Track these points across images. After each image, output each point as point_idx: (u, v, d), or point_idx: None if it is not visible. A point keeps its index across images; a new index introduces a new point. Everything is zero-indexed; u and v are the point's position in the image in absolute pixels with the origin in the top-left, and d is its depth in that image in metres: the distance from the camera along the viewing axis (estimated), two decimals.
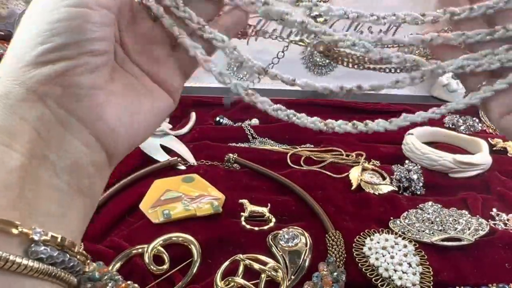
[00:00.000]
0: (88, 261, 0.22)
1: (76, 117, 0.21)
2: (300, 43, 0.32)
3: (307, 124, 0.28)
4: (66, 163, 0.21)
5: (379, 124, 0.28)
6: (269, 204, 0.50)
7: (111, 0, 0.23)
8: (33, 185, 0.19)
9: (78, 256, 0.21)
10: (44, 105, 0.20)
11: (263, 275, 0.39)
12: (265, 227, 0.47)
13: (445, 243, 0.44)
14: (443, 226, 0.46)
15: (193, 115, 0.78)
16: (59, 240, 0.19)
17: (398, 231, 0.46)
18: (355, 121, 0.28)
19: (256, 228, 0.46)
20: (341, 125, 0.28)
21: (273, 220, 0.48)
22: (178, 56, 0.27)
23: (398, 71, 0.38)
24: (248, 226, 0.47)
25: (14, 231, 0.18)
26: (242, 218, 0.48)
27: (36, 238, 0.18)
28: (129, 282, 0.38)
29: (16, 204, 0.18)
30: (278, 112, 0.28)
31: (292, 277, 0.40)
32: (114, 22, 0.23)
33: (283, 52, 0.30)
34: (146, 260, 0.41)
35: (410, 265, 0.40)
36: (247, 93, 0.27)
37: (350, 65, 0.35)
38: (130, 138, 0.24)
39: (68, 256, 0.20)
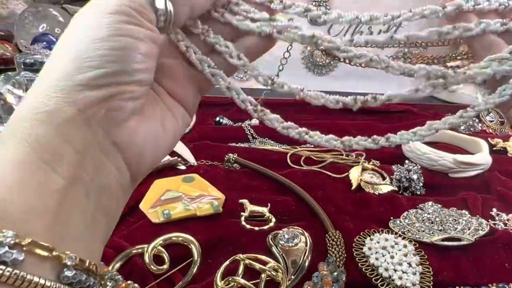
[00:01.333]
0: (103, 282, 0.22)
1: (112, 141, 0.22)
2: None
3: (321, 143, 0.27)
4: (98, 187, 0.21)
5: (402, 137, 0.26)
6: (269, 204, 0.50)
7: (157, 34, 0.24)
8: (68, 208, 0.19)
9: (98, 278, 0.21)
10: (88, 127, 0.21)
11: (263, 275, 0.39)
12: (265, 227, 0.47)
13: (445, 243, 0.44)
14: (443, 226, 0.46)
15: (193, 115, 0.78)
16: (86, 264, 0.19)
17: (398, 231, 0.46)
18: (375, 136, 0.26)
19: (256, 228, 0.46)
20: (359, 142, 0.26)
21: (273, 220, 0.48)
22: (194, 72, 0.28)
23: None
24: (248, 226, 0.47)
25: (48, 255, 0.18)
26: (242, 218, 0.48)
27: (68, 263, 0.18)
28: (129, 282, 0.38)
29: (52, 227, 0.18)
30: (288, 130, 0.27)
31: (292, 277, 0.40)
32: (157, 54, 0.24)
33: (288, 52, 0.30)
34: (146, 260, 0.41)
35: (410, 265, 0.40)
36: (256, 109, 0.27)
37: (353, 63, 0.35)
38: (153, 159, 0.25)
39: (92, 280, 0.20)
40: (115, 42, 0.21)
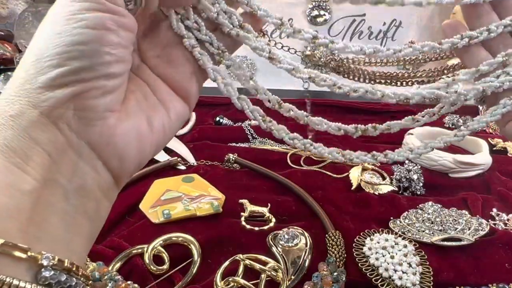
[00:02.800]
0: (90, 282, 0.21)
1: (86, 142, 0.21)
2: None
3: (324, 154, 0.27)
4: (74, 188, 0.20)
5: (399, 154, 0.27)
6: (269, 204, 0.50)
7: (131, 20, 0.22)
8: (43, 209, 0.19)
9: (82, 279, 0.20)
10: (56, 128, 0.20)
11: (263, 275, 0.39)
12: (265, 227, 0.47)
13: (445, 243, 0.44)
14: (443, 226, 0.46)
15: (193, 115, 0.78)
16: (66, 264, 0.19)
17: (398, 231, 0.46)
18: (374, 152, 0.27)
19: (256, 228, 0.46)
20: (359, 157, 0.27)
21: (273, 220, 0.48)
22: (195, 59, 0.26)
23: (409, 84, 0.38)
24: (248, 226, 0.47)
25: (23, 255, 0.17)
26: (242, 218, 0.48)
27: (45, 263, 0.18)
28: (129, 282, 0.38)
29: (26, 228, 0.18)
30: (294, 141, 0.27)
31: (292, 277, 0.40)
32: (132, 41, 0.23)
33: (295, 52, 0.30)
34: (146, 260, 0.41)
35: (410, 265, 0.40)
36: (264, 119, 0.27)
37: (361, 80, 0.35)
38: (138, 159, 0.23)
39: (74, 280, 0.19)
40: (76, 36, 0.20)
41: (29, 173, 0.19)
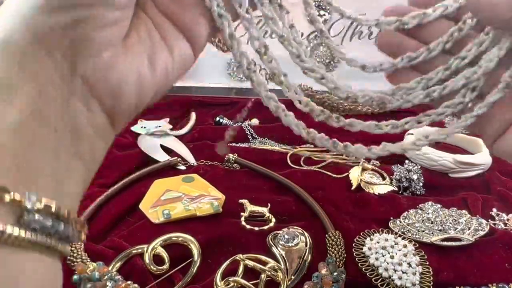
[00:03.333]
0: (85, 229, 0.20)
1: (80, 76, 0.19)
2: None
3: (291, 125, 0.27)
4: (65, 125, 0.19)
5: (357, 150, 0.28)
6: (269, 204, 0.50)
7: None
8: (29, 146, 0.17)
9: (74, 224, 0.18)
10: (49, 58, 0.18)
11: (263, 275, 0.39)
12: (265, 227, 0.47)
13: (445, 243, 0.44)
14: (443, 226, 0.46)
15: (193, 115, 0.78)
16: (53, 208, 0.17)
17: (398, 231, 0.46)
18: (335, 140, 0.27)
19: (256, 228, 0.46)
20: (322, 140, 0.27)
21: (273, 220, 0.48)
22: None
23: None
24: (248, 226, 0.47)
25: (6, 197, 0.15)
26: (242, 218, 0.48)
27: (29, 206, 0.16)
28: (129, 282, 0.38)
29: (10, 167, 0.16)
30: (270, 101, 0.27)
31: (292, 277, 0.40)
32: None
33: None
34: (146, 260, 0.41)
35: (410, 265, 0.40)
36: (249, 67, 0.25)
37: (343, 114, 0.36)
38: (136, 100, 0.22)
39: (63, 225, 0.18)
40: None
41: (14, 105, 0.17)
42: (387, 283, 0.39)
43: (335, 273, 0.39)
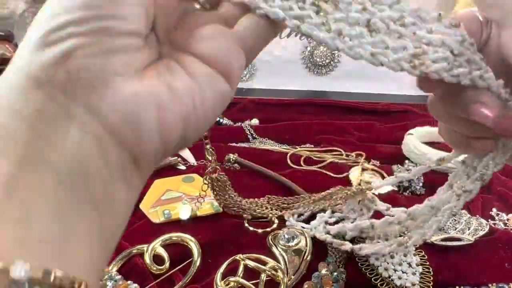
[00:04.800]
0: None
1: (84, 105, 0.17)
2: None
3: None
4: (70, 164, 0.16)
5: None
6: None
7: None
8: (25, 197, 0.14)
9: None
10: (44, 94, 0.16)
11: (263, 275, 0.39)
12: (268, 229, 0.46)
13: (445, 243, 0.44)
14: (443, 226, 0.46)
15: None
16: (54, 277, 0.13)
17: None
18: None
19: (260, 230, 0.46)
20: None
21: (276, 221, 0.48)
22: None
23: None
24: (251, 228, 0.47)
25: None
26: (245, 220, 0.48)
27: (16, 276, 0.12)
28: (129, 282, 0.38)
29: None
30: None
31: (292, 277, 0.40)
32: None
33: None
34: (146, 260, 0.41)
35: (410, 265, 0.40)
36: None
37: None
38: (161, 133, 0.18)
39: None
40: None
41: (4, 153, 0.15)
42: (386, 283, 0.39)
43: (335, 273, 0.39)
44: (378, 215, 0.43)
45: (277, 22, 0.21)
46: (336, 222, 0.44)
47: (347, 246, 0.39)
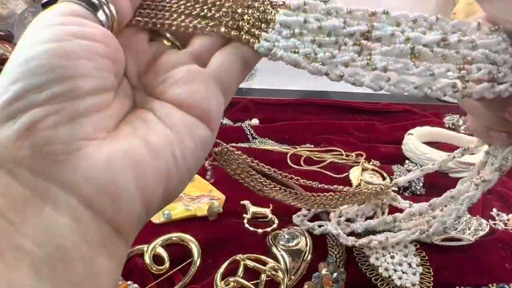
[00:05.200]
0: None
1: (54, 182, 0.15)
2: None
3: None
4: (47, 250, 0.15)
5: None
6: (271, 205, 0.50)
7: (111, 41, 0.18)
8: None
9: None
10: (9, 175, 0.15)
11: (263, 275, 0.39)
12: (269, 229, 0.46)
13: (445, 243, 0.44)
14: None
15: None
16: None
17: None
18: None
19: (260, 230, 0.46)
20: None
21: (276, 221, 0.48)
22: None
23: None
24: (251, 229, 0.47)
25: None
26: (245, 220, 0.48)
27: None
28: (129, 282, 0.38)
29: None
30: None
31: (292, 277, 0.40)
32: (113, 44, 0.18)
33: None
34: (146, 260, 0.41)
35: (410, 265, 0.40)
36: None
37: None
38: (140, 194, 0.17)
39: None
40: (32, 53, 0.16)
41: None
42: (387, 283, 0.39)
43: (335, 273, 0.39)
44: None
45: (254, 56, 0.21)
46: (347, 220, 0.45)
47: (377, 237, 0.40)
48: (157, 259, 0.41)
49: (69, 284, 0.15)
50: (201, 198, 0.51)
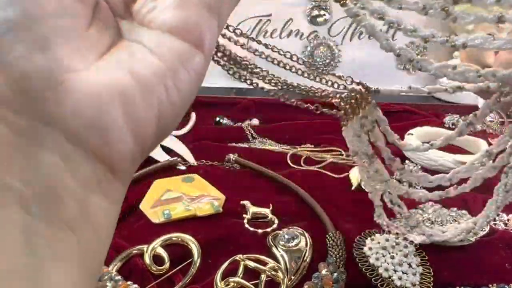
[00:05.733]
0: None
1: (39, 119, 0.15)
2: None
3: None
4: (36, 190, 0.14)
5: None
6: (270, 205, 0.50)
7: None
8: None
9: None
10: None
11: (263, 275, 0.39)
12: (269, 229, 0.46)
13: (446, 243, 0.44)
14: (443, 226, 0.46)
15: (193, 115, 0.78)
16: None
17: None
18: None
19: (260, 231, 0.46)
20: None
21: (276, 221, 0.48)
22: None
23: None
24: (251, 229, 0.47)
25: None
26: (245, 220, 0.48)
27: None
28: (129, 282, 0.38)
29: None
30: None
31: (292, 277, 0.40)
32: None
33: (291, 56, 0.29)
34: (146, 260, 0.41)
35: (410, 265, 0.40)
36: None
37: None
38: (133, 131, 0.16)
39: None
40: None
41: None
42: (386, 283, 0.39)
43: (335, 274, 0.39)
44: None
45: None
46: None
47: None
48: (157, 259, 0.41)
49: (62, 223, 0.14)
50: (201, 198, 0.51)
